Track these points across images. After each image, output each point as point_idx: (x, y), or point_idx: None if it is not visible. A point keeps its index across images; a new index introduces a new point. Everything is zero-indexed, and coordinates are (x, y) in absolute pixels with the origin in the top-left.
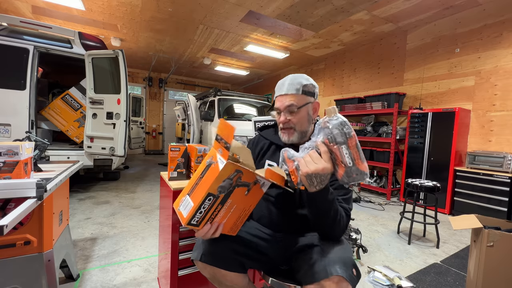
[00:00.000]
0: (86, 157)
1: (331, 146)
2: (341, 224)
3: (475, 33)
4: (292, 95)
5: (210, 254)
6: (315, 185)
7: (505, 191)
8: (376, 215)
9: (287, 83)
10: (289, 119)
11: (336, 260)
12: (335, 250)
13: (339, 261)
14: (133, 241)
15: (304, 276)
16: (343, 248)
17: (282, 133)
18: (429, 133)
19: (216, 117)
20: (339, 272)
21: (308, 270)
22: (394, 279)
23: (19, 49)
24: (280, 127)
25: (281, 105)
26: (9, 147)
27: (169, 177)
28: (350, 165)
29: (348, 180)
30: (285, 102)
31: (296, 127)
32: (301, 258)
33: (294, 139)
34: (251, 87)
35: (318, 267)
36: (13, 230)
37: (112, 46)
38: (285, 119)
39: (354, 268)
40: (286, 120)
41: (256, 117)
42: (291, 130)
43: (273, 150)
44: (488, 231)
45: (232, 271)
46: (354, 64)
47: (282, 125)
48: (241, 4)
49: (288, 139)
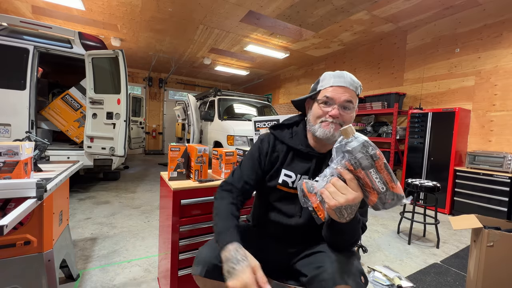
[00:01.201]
0: (86, 157)
1: (357, 172)
2: (357, 240)
3: (475, 33)
4: (352, 91)
5: (215, 269)
6: (345, 217)
7: (505, 191)
8: (376, 215)
9: (349, 77)
10: (342, 114)
11: (343, 269)
12: (343, 257)
13: (347, 270)
14: (133, 241)
15: (311, 283)
16: (351, 254)
17: (324, 124)
18: (429, 133)
19: (216, 117)
20: (348, 281)
21: (315, 277)
22: (394, 279)
23: (19, 49)
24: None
25: (338, 97)
26: (9, 147)
27: (169, 177)
28: (383, 190)
29: (383, 207)
30: (344, 96)
31: (345, 123)
32: (307, 263)
33: (336, 136)
34: (251, 87)
35: (326, 275)
36: (13, 230)
37: (112, 46)
38: (338, 112)
39: (362, 276)
40: (339, 115)
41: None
42: (338, 126)
43: (292, 156)
44: (488, 231)
45: None
46: (354, 64)
47: (332, 118)
48: (241, 4)
49: (331, 133)
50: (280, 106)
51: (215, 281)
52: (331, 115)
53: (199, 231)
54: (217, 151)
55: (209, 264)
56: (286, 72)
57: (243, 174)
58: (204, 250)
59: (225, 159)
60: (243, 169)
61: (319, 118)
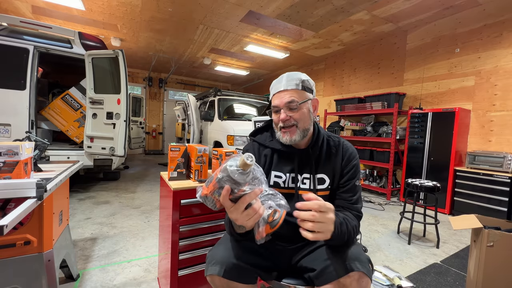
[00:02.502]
0: (86, 157)
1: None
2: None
3: (475, 33)
4: (292, 90)
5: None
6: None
7: (505, 191)
8: (376, 215)
9: (285, 79)
10: (290, 115)
11: (352, 257)
12: (348, 247)
13: (356, 258)
14: (133, 241)
15: (319, 276)
16: (356, 245)
17: (282, 133)
18: (429, 133)
19: (216, 117)
20: (360, 267)
21: (325, 269)
22: (394, 279)
23: (19, 49)
24: (280, 126)
25: (280, 102)
26: (9, 147)
27: (169, 177)
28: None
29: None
30: (285, 98)
31: (299, 124)
32: (313, 258)
33: (296, 138)
34: (251, 87)
35: (336, 265)
36: (13, 230)
37: (112, 46)
38: (285, 116)
39: (370, 264)
40: (287, 117)
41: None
42: (293, 128)
43: (277, 158)
44: (488, 231)
45: (249, 283)
46: (354, 64)
47: (282, 123)
48: (241, 4)
49: (290, 139)
50: None
51: (233, 283)
52: (281, 119)
53: (199, 231)
54: (217, 151)
55: (228, 263)
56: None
57: None
58: (219, 251)
59: (225, 159)
60: None
61: (277, 125)
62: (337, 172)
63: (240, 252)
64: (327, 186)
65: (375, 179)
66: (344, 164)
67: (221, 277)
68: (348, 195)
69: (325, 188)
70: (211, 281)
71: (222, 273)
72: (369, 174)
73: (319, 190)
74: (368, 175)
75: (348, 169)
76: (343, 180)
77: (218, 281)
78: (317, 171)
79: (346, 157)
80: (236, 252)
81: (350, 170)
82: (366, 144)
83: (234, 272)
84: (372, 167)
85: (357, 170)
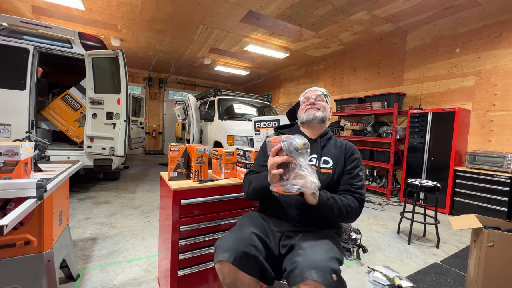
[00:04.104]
0: (86, 157)
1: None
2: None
3: (475, 33)
4: (320, 91)
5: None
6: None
7: (505, 191)
8: (376, 215)
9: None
10: (317, 102)
11: (313, 265)
12: (317, 253)
13: (316, 266)
14: (133, 241)
15: (287, 278)
16: (328, 250)
17: (308, 109)
18: (429, 133)
19: (216, 117)
20: (314, 277)
21: (290, 272)
22: (394, 279)
23: (19, 49)
24: (307, 108)
25: (312, 93)
26: (9, 147)
27: (169, 177)
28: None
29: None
30: (317, 93)
31: (321, 109)
32: (288, 258)
33: (317, 115)
34: (251, 87)
35: (297, 271)
36: (13, 230)
37: (112, 46)
38: (314, 101)
39: (335, 274)
40: (315, 101)
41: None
42: (318, 110)
43: None
44: (488, 231)
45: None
46: (354, 64)
47: (311, 105)
48: (241, 4)
49: (314, 114)
50: (280, 106)
51: (241, 272)
52: (310, 102)
53: (199, 231)
54: (217, 151)
55: (238, 251)
56: (286, 72)
57: (257, 162)
58: (230, 239)
59: (225, 159)
60: (257, 160)
61: (303, 110)
62: (340, 161)
63: (253, 241)
64: (330, 166)
65: (375, 179)
66: (347, 157)
67: (231, 263)
68: (353, 181)
69: (328, 167)
70: (219, 269)
71: (232, 259)
72: (369, 174)
73: (322, 168)
74: (368, 175)
75: (351, 160)
76: (347, 168)
77: (227, 268)
78: (322, 154)
79: (349, 152)
80: (248, 241)
81: (353, 161)
82: (366, 144)
83: (244, 261)
84: (372, 167)
85: (360, 163)
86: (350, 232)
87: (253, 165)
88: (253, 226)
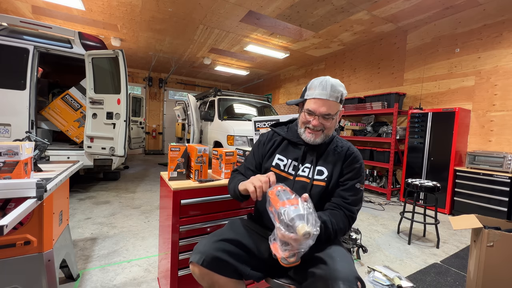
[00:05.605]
0: (86, 157)
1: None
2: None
3: (475, 33)
4: (332, 102)
5: (213, 260)
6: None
7: (505, 191)
8: (376, 215)
9: (330, 88)
10: (322, 123)
11: (338, 276)
12: (337, 262)
13: (342, 277)
14: (133, 241)
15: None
16: (345, 258)
17: (307, 132)
18: (429, 133)
19: (216, 117)
20: None
21: (311, 284)
22: (394, 279)
23: (19, 49)
24: (307, 127)
25: (317, 109)
26: (9, 147)
27: (169, 177)
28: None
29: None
30: (324, 109)
31: (325, 131)
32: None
33: (318, 141)
34: (251, 87)
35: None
36: (13, 230)
37: (112, 46)
38: (318, 123)
39: (359, 281)
40: (319, 124)
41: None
42: (319, 132)
43: (285, 145)
44: (488, 231)
45: (231, 277)
46: (354, 64)
47: (312, 127)
48: (241, 4)
49: (314, 140)
50: (280, 106)
51: (210, 272)
52: (312, 124)
53: (199, 231)
54: (217, 151)
55: (207, 254)
56: (286, 72)
57: (246, 163)
58: (204, 241)
59: (225, 159)
60: (247, 159)
61: (304, 124)
62: (337, 169)
63: (226, 246)
64: (324, 177)
65: (375, 179)
66: (346, 165)
67: (200, 265)
68: (346, 194)
69: (322, 179)
70: (191, 270)
71: (201, 261)
72: (369, 174)
73: (316, 180)
74: (368, 175)
75: (349, 170)
76: (342, 179)
77: (197, 270)
78: (317, 163)
79: (349, 159)
80: (220, 246)
81: (351, 171)
82: (366, 144)
83: (214, 264)
84: (372, 167)
85: (359, 173)
86: (350, 232)
87: (241, 164)
88: (233, 232)
